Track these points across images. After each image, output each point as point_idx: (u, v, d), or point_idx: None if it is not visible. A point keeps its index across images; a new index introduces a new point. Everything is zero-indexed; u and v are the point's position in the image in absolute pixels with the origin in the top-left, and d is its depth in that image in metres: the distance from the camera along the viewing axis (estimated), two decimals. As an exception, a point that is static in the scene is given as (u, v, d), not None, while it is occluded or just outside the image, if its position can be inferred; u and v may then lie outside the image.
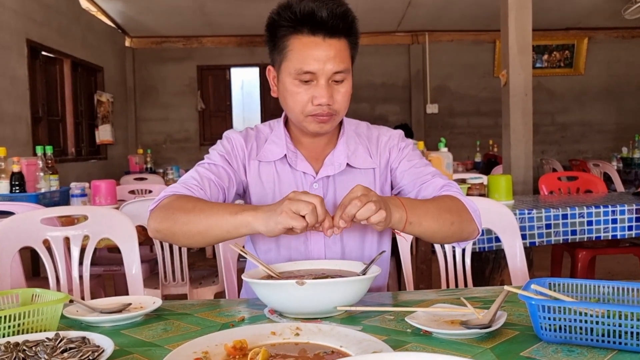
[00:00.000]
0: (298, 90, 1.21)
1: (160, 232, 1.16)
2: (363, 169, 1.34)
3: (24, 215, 1.66)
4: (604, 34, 8.45)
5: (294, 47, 1.19)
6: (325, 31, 1.17)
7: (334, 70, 1.19)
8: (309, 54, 1.18)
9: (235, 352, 0.81)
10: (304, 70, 1.18)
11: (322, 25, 1.17)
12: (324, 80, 1.19)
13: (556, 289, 0.98)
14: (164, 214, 1.16)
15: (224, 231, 1.09)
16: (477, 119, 8.51)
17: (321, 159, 1.33)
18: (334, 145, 1.34)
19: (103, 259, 3.02)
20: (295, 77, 1.20)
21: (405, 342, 0.89)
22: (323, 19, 1.16)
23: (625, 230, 2.48)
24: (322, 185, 1.31)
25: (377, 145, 1.37)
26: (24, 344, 0.83)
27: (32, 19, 5.35)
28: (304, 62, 1.18)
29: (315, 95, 1.20)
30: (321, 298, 1.00)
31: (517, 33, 4.19)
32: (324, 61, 1.18)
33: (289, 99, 1.24)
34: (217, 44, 8.29)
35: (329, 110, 1.21)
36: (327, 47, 1.18)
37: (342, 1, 1.20)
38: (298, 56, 1.19)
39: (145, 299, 1.15)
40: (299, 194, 1.02)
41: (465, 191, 2.77)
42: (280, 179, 1.32)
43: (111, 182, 2.81)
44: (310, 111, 1.22)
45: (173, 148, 8.39)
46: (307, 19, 1.17)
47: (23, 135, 5.15)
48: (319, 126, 1.24)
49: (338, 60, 1.19)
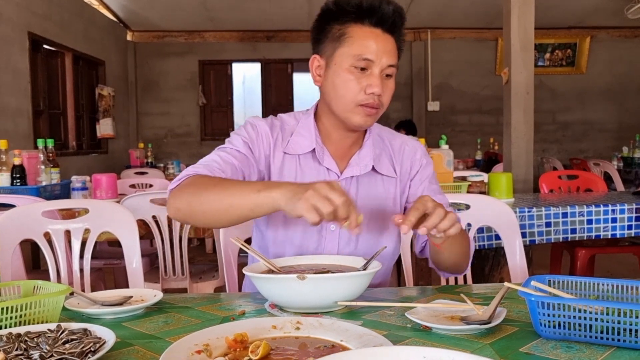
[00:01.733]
0: (352, 77, 1.22)
1: (180, 211, 1.13)
2: (386, 176, 1.34)
3: (25, 208, 1.66)
4: (606, 33, 8.44)
5: (354, 35, 1.22)
6: (385, 26, 1.22)
7: (388, 63, 1.22)
8: (369, 42, 1.21)
9: (236, 344, 0.81)
10: (363, 56, 1.21)
11: (384, 20, 1.22)
12: (378, 71, 1.22)
13: (556, 286, 0.98)
14: (185, 193, 1.13)
15: (247, 209, 1.05)
16: (479, 117, 8.50)
17: (347, 158, 1.33)
18: (359, 146, 1.34)
19: (103, 252, 3.03)
20: (353, 62, 1.22)
21: (405, 337, 0.89)
22: (386, 14, 1.21)
23: (625, 229, 2.48)
24: (345, 184, 1.31)
25: (401, 154, 1.38)
26: (26, 335, 0.83)
27: (34, 12, 5.34)
28: (365, 49, 1.21)
29: (370, 84, 1.21)
30: (322, 293, 1.01)
31: (519, 31, 4.18)
32: (381, 53, 1.21)
33: (340, 86, 1.24)
34: (219, 38, 8.28)
35: (378, 101, 1.23)
36: (384, 40, 1.22)
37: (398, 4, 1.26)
38: (359, 43, 1.21)
39: (146, 292, 1.16)
40: (325, 188, 0.96)
41: (465, 189, 2.77)
42: (303, 173, 1.31)
43: (112, 176, 2.81)
44: (361, 100, 1.22)
45: (174, 143, 8.39)
46: (372, 11, 1.21)
47: (24, 129, 5.15)
48: (364, 119, 1.24)
49: (392, 55, 1.23)
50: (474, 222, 1.78)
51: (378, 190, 1.33)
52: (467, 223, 1.78)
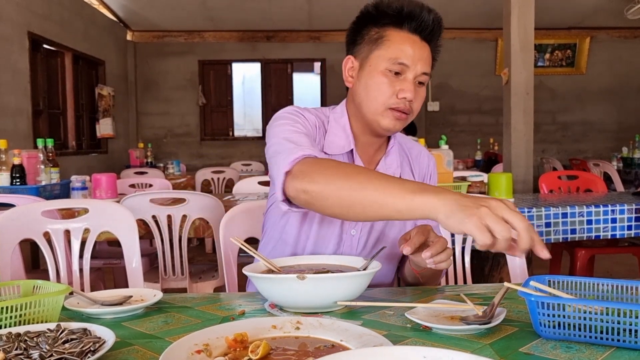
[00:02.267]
0: (385, 80, 1.22)
1: (308, 193, 1.02)
2: None
3: (24, 208, 1.66)
4: (606, 34, 8.44)
5: (392, 38, 1.23)
6: (423, 33, 1.23)
7: (422, 71, 1.23)
8: (406, 47, 1.22)
9: (236, 344, 0.81)
10: (399, 60, 1.21)
11: (423, 27, 1.22)
12: (412, 76, 1.22)
13: (555, 286, 0.98)
14: (318, 174, 1.01)
15: (394, 211, 0.92)
16: (478, 117, 8.50)
17: (373, 163, 1.34)
18: (384, 153, 1.35)
19: (103, 252, 3.03)
20: (388, 66, 1.22)
21: (405, 337, 0.89)
22: (426, 21, 1.22)
23: (625, 229, 2.48)
24: None
25: (418, 163, 1.41)
26: (26, 335, 0.83)
27: (34, 11, 5.34)
28: (401, 53, 1.21)
29: (402, 89, 1.21)
30: (322, 293, 1.01)
31: (519, 31, 4.18)
32: (417, 59, 1.22)
33: (372, 88, 1.23)
34: (219, 38, 8.28)
35: (408, 107, 1.23)
36: (421, 47, 1.23)
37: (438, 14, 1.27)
38: (395, 47, 1.22)
39: (146, 292, 1.16)
40: (502, 208, 0.84)
41: (465, 189, 2.77)
42: None
43: (112, 176, 2.81)
44: (392, 103, 1.22)
45: (174, 142, 8.39)
46: (412, 17, 1.22)
47: (24, 128, 5.15)
48: (393, 123, 1.24)
49: (427, 63, 1.24)
50: (474, 222, 1.78)
51: None
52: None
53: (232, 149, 8.30)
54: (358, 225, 1.29)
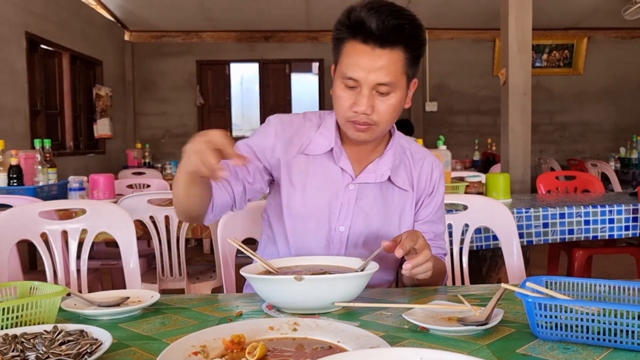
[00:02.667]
0: (342, 94, 1.21)
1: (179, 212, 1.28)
2: (400, 189, 1.34)
3: (21, 209, 1.66)
4: (604, 34, 8.45)
5: (345, 52, 1.19)
6: (375, 41, 1.15)
7: (376, 82, 1.17)
8: (355, 60, 1.17)
9: (233, 346, 0.81)
10: (348, 75, 1.18)
11: (371, 35, 1.15)
12: (366, 90, 1.18)
13: (553, 287, 0.99)
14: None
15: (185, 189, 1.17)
16: (476, 118, 8.51)
17: (364, 163, 1.33)
18: (380, 154, 1.33)
19: (101, 253, 3.02)
20: (342, 80, 1.20)
21: (402, 338, 0.89)
22: (372, 29, 1.14)
23: (622, 230, 2.49)
24: (358, 189, 1.31)
25: (419, 168, 1.37)
26: (22, 336, 0.83)
27: (31, 11, 5.33)
28: (350, 68, 1.18)
29: (356, 102, 1.19)
30: (319, 294, 1.00)
31: (517, 32, 4.19)
32: (369, 70, 1.16)
33: (335, 101, 1.25)
34: (217, 39, 8.27)
35: (367, 119, 1.20)
36: (375, 57, 1.16)
37: (403, 14, 1.17)
38: (347, 61, 1.19)
39: (143, 293, 1.15)
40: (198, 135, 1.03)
41: (463, 189, 2.78)
42: (315, 171, 1.31)
43: (109, 176, 2.80)
44: (349, 117, 1.21)
45: (171, 143, 8.37)
46: (359, 27, 1.16)
47: (21, 129, 5.14)
48: (357, 134, 1.23)
49: (384, 73, 1.16)
50: (472, 223, 1.78)
51: (393, 200, 1.33)
52: (465, 224, 1.79)
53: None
54: (346, 222, 1.30)
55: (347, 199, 1.30)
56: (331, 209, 1.30)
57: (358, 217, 1.30)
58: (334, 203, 1.30)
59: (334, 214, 1.30)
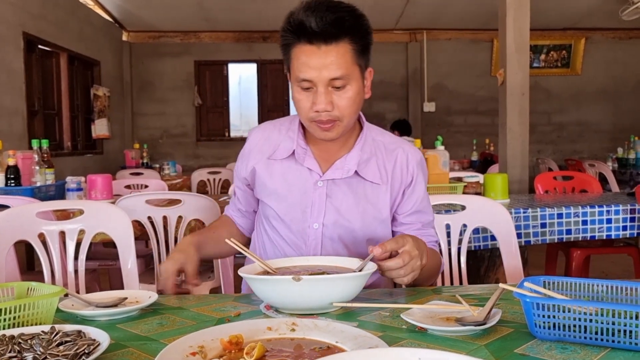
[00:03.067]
0: (301, 97, 1.24)
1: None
2: (371, 182, 1.33)
3: (19, 209, 1.65)
4: (601, 35, 8.47)
5: (294, 56, 1.22)
6: (318, 39, 1.18)
7: (329, 77, 1.19)
8: (305, 62, 1.19)
9: (231, 346, 0.81)
10: (301, 78, 1.21)
11: (314, 35, 1.18)
12: (322, 87, 1.20)
13: (551, 287, 0.99)
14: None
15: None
16: (474, 118, 8.52)
17: (333, 160, 1.33)
18: (349, 149, 1.33)
19: (98, 253, 3.02)
20: (297, 84, 1.23)
21: (400, 338, 0.89)
22: (313, 28, 1.17)
23: (620, 230, 2.49)
24: (327, 186, 1.32)
25: (393, 160, 1.36)
26: (20, 337, 0.83)
27: (29, 12, 5.32)
28: (301, 71, 1.20)
29: (315, 102, 1.21)
30: (317, 294, 1.00)
31: (515, 32, 4.19)
32: (319, 69, 1.18)
33: (295, 105, 1.27)
34: (215, 39, 8.27)
35: (329, 116, 1.22)
36: (322, 54, 1.18)
37: (342, 7, 1.19)
38: (297, 64, 1.21)
39: (141, 294, 1.15)
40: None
41: (461, 190, 2.78)
42: (286, 175, 1.33)
43: (107, 177, 2.80)
44: (312, 117, 1.23)
45: (169, 143, 8.37)
46: (301, 29, 1.18)
47: (19, 129, 5.13)
48: (323, 133, 1.25)
49: (335, 67, 1.18)
50: (470, 223, 1.78)
51: (365, 194, 1.33)
52: (463, 224, 1.79)
53: (228, 149, 8.28)
54: (319, 219, 1.32)
55: (318, 196, 1.32)
56: (303, 208, 1.32)
57: (330, 213, 1.32)
58: (305, 202, 1.32)
59: (306, 212, 1.32)
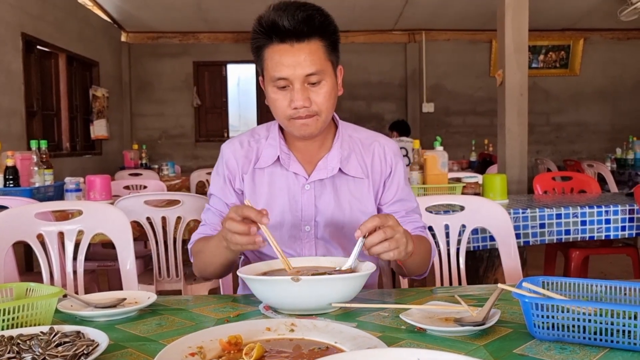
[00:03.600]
0: (277, 97, 1.25)
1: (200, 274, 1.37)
2: (354, 178, 1.36)
3: (17, 210, 1.65)
4: (600, 35, 8.48)
5: (268, 57, 1.24)
6: (291, 37, 1.21)
7: (305, 74, 1.21)
8: (280, 61, 1.22)
9: (230, 347, 0.81)
10: (277, 77, 1.22)
11: (287, 33, 1.20)
12: (298, 84, 1.22)
13: (550, 287, 0.99)
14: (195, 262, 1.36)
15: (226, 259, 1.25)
16: (473, 118, 8.52)
17: (315, 161, 1.35)
18: (328, 149, 1.36)
19: (97, 254, 3.02)
20: (273, 84, 1.24)
21: (399, 338, 0.89)
22: (286, 27, 1.20)
23: (619, 230, 2.49)
24: (314, 187, 1.34)
25: (371, 153, 1.39)
26: (18, 338, 0.83)
27: (28, 12, 5.32)
28: (277, 70, 1.22)
29: (292, 99, 1.23)
30: (316, 294, 1.00)
31: (513, 33, 4.20)
32: (294, 66, 1.21)
33: (271, 105, 1.28)
34: (214, 40, 8.27)
35: (308, 112, 1.24)
36: (295, 52, 1.21)
37: (310, 6, 1.23)
38: (272, 64, 1.23)
39: (139, 294, 1.15)
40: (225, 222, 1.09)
41: (460, 190, 2.78)
42: (274, 182, 1.35)
43: (106, 177, 2.79)
44: (290, 115, 1.25)
45: (168, 144, 8.37)
46: (273, 29, 1.21)
47: (17, 130, 5.12)
48: (303, 129, 1.27)
49: (309, 63, 1.21)
50: (469, 224, 1.78)
51: (349, 190, 1.35)
52: (462, 224, 1.79)
53: (227, 150, 8.27)
54: (310, 221, 1.33)
55: (306, 199, 1.33)
56: (294, 213, 1.33)
57: (319, 214, 1.33)
58: (294, 206, 1.33)
59: (297, 216, 1.33)
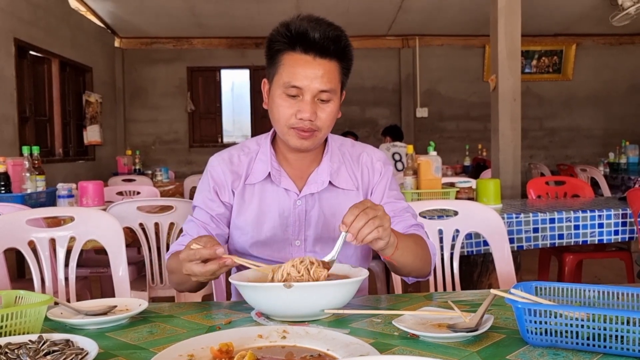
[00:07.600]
0: (284, 103, 1.25)
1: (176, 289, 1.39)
2: (345, 190, 1.36)
3: (9, 216, 1.64)
4: (592, 40, 8.54)
5: (286, 62, 1.24)
6: (316, 51, 1.22)
7: (320, 89, 1.23)
8: (298, 70, 1.22)
9: (222, 355, 0.80)
10: (291, 84, 1.23)
11: (313, 45, 1.22)
12: (309, 97, 1.23)
13: (543, 292, 0.99)
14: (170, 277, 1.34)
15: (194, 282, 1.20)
16: (467, 123, 8.55)
17: (305, 176, 1.35)
18: (318, 163, 1.36)
19: (89, 260, 3.00)
20: (284, 90, 1.24)
21: (392, 345, 0.89)
22: (315, 39, 1.21)
23: (612, 234, 2.50)
24: (306, 202, 1.33)
25: (360, 164, 1.39)
26: (7, 347, 0.82)
27: (20, 18, 5.30)
28: (293, 77, 1.22)
29: (300, 110, 1.23)
30: (308, 301, 1.00)
31: (506, 38, 4.22)
32: (311, 79, 1.22)
33: (275, 110, 1.28)
34: (208, 45, 8.26)
35: (311, 125, 1.25)
36: (316, 66, 1.22)
37: (338, 27, 1.25)
38: (289, 71, 1.23)
39: (131, 301, 1.14)
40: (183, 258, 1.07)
41: (454, 195, 2.78)
42: (264, 197, 1.34)
43: (99, 183, 2.78)
44: (293, 123, 1.25)
45: (162, 149, 8.34)
46: (301, 38, 1.22)
47: (9, 135, 5.10)
48: (300, 142, 1.27)
49: (325, 80, 1.23)
50: (462, 228, 1.78)
51: (340, 204, 1.34)
52: (455, 229, 1.79)
53: (221, 155, 8.26)
54: (300, 236, 1.33)
55: (297, 214, 1.33)
56: (284, 228, 1.33)
57: (309, 228, 1.34)
58: (285, 222, 1.33)
59: (287, 231, 1.33)
